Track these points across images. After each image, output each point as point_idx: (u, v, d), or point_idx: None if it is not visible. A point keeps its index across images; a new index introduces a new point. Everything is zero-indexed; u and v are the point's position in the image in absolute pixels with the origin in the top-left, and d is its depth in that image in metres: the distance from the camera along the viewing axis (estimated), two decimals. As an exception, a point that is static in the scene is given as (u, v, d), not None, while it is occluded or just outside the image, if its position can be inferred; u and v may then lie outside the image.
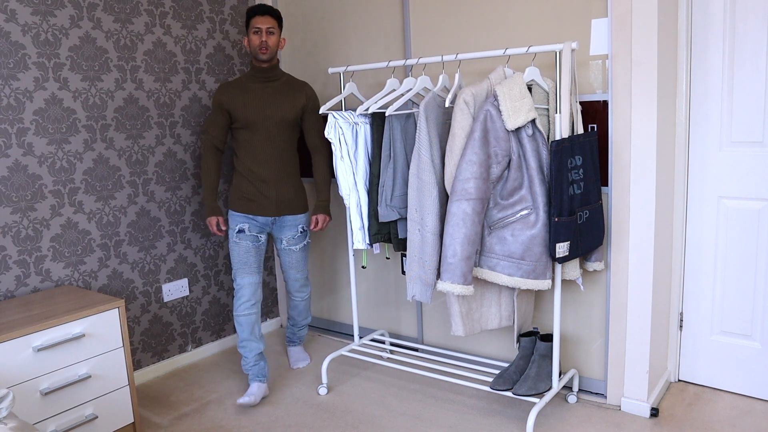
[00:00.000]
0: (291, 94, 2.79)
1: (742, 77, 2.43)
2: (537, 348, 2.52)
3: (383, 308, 3.32)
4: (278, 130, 2.75)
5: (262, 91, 2.76)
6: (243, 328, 2.75)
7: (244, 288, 2.74)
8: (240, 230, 2.76)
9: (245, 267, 2.75)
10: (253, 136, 2.74)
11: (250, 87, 2.77)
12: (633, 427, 2.42)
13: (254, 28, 2.69)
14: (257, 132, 2.74)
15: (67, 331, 2.22)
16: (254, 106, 2.73)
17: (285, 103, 2.76)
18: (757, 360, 2.57)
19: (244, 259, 2.75)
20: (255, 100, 2.74)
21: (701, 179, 2.59)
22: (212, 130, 2.81)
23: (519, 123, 2.19)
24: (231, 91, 2.77)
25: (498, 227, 2.29)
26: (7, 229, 2.51)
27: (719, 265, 2.60)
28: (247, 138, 2.75)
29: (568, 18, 2.48)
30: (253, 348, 2.77)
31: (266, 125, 2.74)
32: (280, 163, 2.77)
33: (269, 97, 2.75)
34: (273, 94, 2.76)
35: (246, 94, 2.75)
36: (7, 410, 1.69)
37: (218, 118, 2.79)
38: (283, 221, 2.84)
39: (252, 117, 2.72)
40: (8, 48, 2.47)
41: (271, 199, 2.78)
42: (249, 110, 2.73)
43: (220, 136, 2.82)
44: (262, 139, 2.74)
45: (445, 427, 2.50)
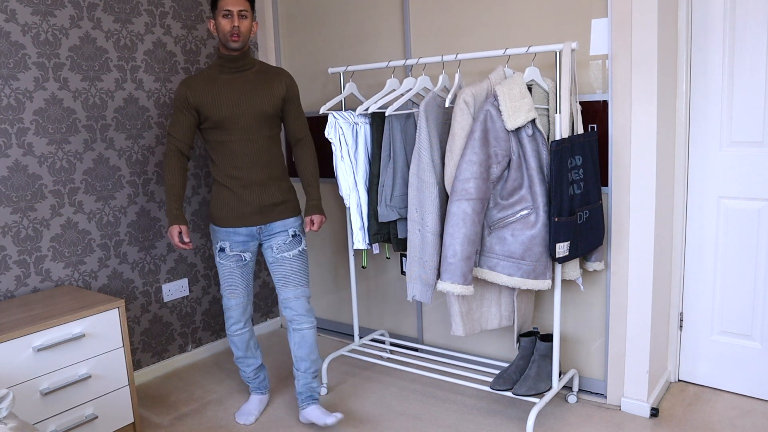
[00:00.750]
0: (268, 84, 2.43)
1: (742, 77, 2.43)
2: (537, 348, 2.52)
3: (383, 308, 3.32)
4: (257, 126, 2.40)
5: (233, 83, 2.39)
6: (237, 347, 2.60)
7: (231, 310, 2.55)
8: (221, 249, 2.48)
9: (231, 289, 2.52)
10: (228, 136, 2.38)
11: (220, 79, 2.39)
12: (633, 427, 2.42)
13: (224, 11, 2.32)
14: (232, 131, 2.38)
15: (67, 331, 2.22)
16: (226, 100, 2.36)
17: (262, 95, 2.40)
18: (757, 360, 2.57)
19: (228, 281, 2.51)
20: (227, 94, 2.37)
21: (701, 179, 2.59)
22: (176, 132, 2.40)
23: (519, 123, 2.19)
24: (197, 84, 2.38)
25: (498, 227, 2.29)
26: (7, 229, 2.51)
27: (719, 265, 2.60)
28: (221, 139, 2.39)
29: (568, 18, 2.48)
30: (251, 363, 2.65)
31: (242, 122, 2.37)
32: (263, 164, 2.42)
33: (243, 89, 2.39)
34: (247, 85, 2.40)
35: (215, 88, 2.37)
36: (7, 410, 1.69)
37: (183, 118, 2.39)
38: (271, 229, 2.48)
39: (225, 114, 2.35)
40: (8, 48, 2.47)
41: (254, 206, 2.42)
42: (221, 106, 2.36)
43: (186, 139, 2.41)
44: (238, 139, 2.38)
45: (445, 427, 2.50)
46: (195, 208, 3.22)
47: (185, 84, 2.39)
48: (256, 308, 3.59)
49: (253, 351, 2.64)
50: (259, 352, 2.68)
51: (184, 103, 2.38)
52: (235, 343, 2.59)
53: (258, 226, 2.46)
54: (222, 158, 2.41)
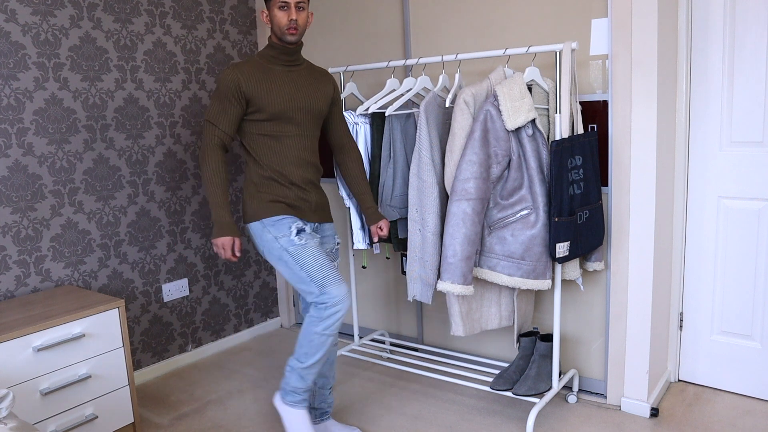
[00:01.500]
0: (319, 82, 2.31)
1: (742, 77, 2.43)
2: (537, 348, 2.52)
3: (383, 308, 3.32)
4: (311, 124, 2.27)
5: (289, 76, 2.24)
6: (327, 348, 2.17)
7: (344, 301, 2.12)
8: (300, 230, 2.17)
9: (332, 271, 2.13)
10: (282, 130, 2.21)
11: (274, 70, 2.22)
12: (633, 427, 2.42)
13: (280, 2, 2.14)
14: (287, 126, 2.21)
15: (67, 331, 2.22)
16: (283, 93, 2.20)
17: (316, 92, 2.28)
18: (757, 360, 2.57)
19: (325, 263, 2.14)
20: (283, 86, 2.21)
21: (701, 179, 2.59)
22: (222, 122, 2.17)
23: (519, 123, 2.19)
24: (252, 71, 2.18)
25: (498, 227, 2.29)
26: (7, 229, 2.51)
27: (719, 265, 2.60)
28: (272, 133, 2.20)
29: (568, 18, 2.48)
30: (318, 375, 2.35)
31: (298, 117, 2.22)
32: (312, 163, 2.28)
33: (298, 84, 2.24)
34: (301, 80, 2.26)
35: (269, 79, 2.20)
36: (7, 410, 1.69)
37: (230, 107, 2.16)
38: (323, 230, 2.35)
39: (282, 107, 2.18)
40: (8, 48, 2.47)
41: (311, 203, 2.28)
42: (277, 98, 2.18)
43: (231, 131, 2.19)
44: (292, 135, 2.22)
45: (445, 427, 2.50)
46: (195, 208, 3.22)
47: (237, 69, 2.16)
48: (255, 308, 3.59)
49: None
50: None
51: (236, 91, 2.14)
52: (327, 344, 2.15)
53: (314, 223, 2.31)
54: (270, 154, 2.21)
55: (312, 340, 2.13)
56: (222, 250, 2.14)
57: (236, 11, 3.35)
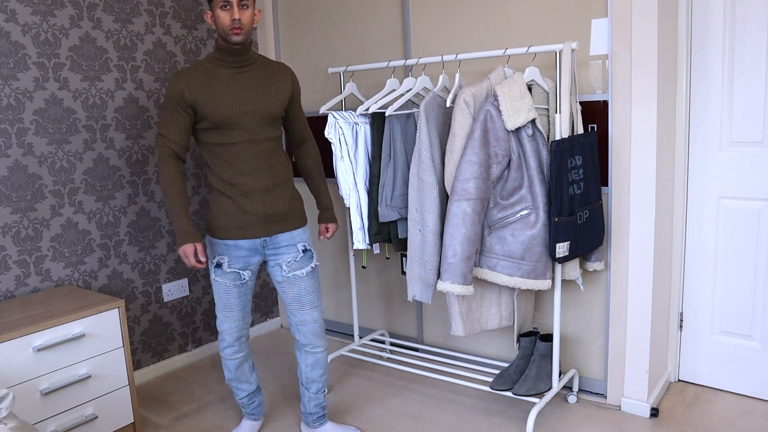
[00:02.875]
0: (273, 80, 2.20)
1: (742, 77, 2.43)
2: (537, 348, 2.52)
3: (383, 308, 3.32)
4: (261, 127, 2.16)
5: (235, 79, 2.13)
6: (230, 369, 2.36)
7: (225, 333, 2.29)
8: (218, 265, 2.22)
9: (225, 310, 2.26)
10: (229, 138, 2.13)
11: (219, 74, 2.13)
12: (633, 427, 2.42)
13: (222, 1, 2.04)
14: (233, 133, 2.13)
15: (67, 331, 2.22)
16: (227, 98, 2.10)
17: (268, 92, 2.17)
18: (757, 360, 2.57)
19: (224, 301, 2.25)
20: (228, 91, 2.11)
21: (701, 179, 2.59)
22: (170, 133, 2.12)
23: (519, 123, 2.19)
24: (194, 79, 2.10)
25: (498, 227, 2.29)
26: (7, 229, 2.51)
27: (719, 265, 2.60)
28: (219, 141, 2.13)
29: (568, 18, 2.48)
30: (244, 388, 2.42)
31: (245, 123, 2.13)
32: (267, 169, 2.18)
33: (246, 86, 2.14)
34: (250, 81, 2.16)
35: (214, 84, 2.11)
36: (7, 410, 1.69)
37: (178, 116, 2.11)
38: (277, 242, 2.24)
39: (225, 113, 2.09)
40: (8, 48, 2.47)
41: (257, 215, 2.17)
42: (221, 104, 2.09)
43: (181, 141, 2.13)
44: (240, 142, 2.14)
45: (445, 427, 2.50)
46: (195, 208, 3.22)
47: (180, 78, 2.10)
48: (255, 308, 3.59)
49: (247, 375, 2.40)
50: (255, 376, 2.43)
51: (179, 100, 2.09)
52: (227, 365, 2.36)
53: (262, 238, 2.21)
54: (220, 163, 2.15)
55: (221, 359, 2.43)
56: (186, 258, 2.11)
57: (236, 11, 3.35)
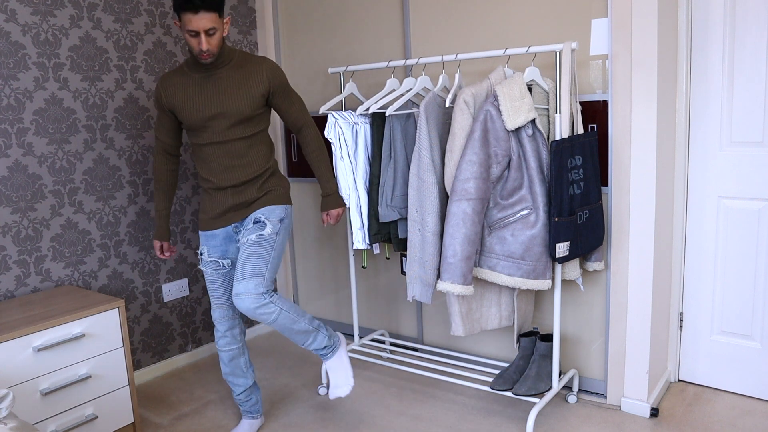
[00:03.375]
0: (245, 82, 2.20)
1: (742, 77, 2.43)
2: (537, 348, 2.52)
3: (383, 308, 3.32)
4: (229, 130, 2.21)
5: (204, 84, 2.19)
6: (224, 362, 2.41)
7: (216, 322, 2.38)
8: (201, 254, 2.36)
9: (215, 299, 2.37)
10: (200, 139, 2.24)
11: (192, 78, 2.21)
12: (633, 427, 2.42)
13: (189, 30, 2.06)
14: (203, 135, 2.22)
15: (67, 331, 2.22)
16: (195, 103, 2.19)
17: (237, 95, 2.18)
18: (757, 360, 2.57)
19: (210, 290, 2.36)
20: (197, 96, 2.19)
21: (701, 179, 2.59)
22: (160, 133, 2.33)
23: (519, 123, 2.19)
24: (170, 84, 2.23)
25: (498, 227, 2.29)
26: (7, 229, 2.52)
27: (719, 265, 2.60)
28: (194, 141, 2.27)
29: (568, 18, 2.48)
30: (240, 383, 2.44)
31: (213, 126, 2.20)
32: (236, 168, 2.24)
33: (214, 91, 2.18)
34: (219, 85, 2.19)
35: (186, 88, 2.20)
36: (7, 410, 1.69)
37: (163, 117, 2.30)
38: (245, 225, 2.30)
39: (193, 117, 2.20)
40: (8, 48, 2.47)
41: (228, 206, 2.28)
42: (189, 109, 2.19)
43: (170, 140, 2.33)
44: (209, 143, 2.23)
45: (445, 427, 2.50)
46: (195, 208, 3.22)
47: (161, 82, 2.26)
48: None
49: (242, 370, 2.43)
50: (251, 372, 2.46)
51: (160, 104, 2.29)
52: (222, 358, 2.41)
53: (233, 224, 2.31)
54: (198, 160, 2.29)
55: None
56: (155, 249, 2.44)
57: (236, 11, 3.35)
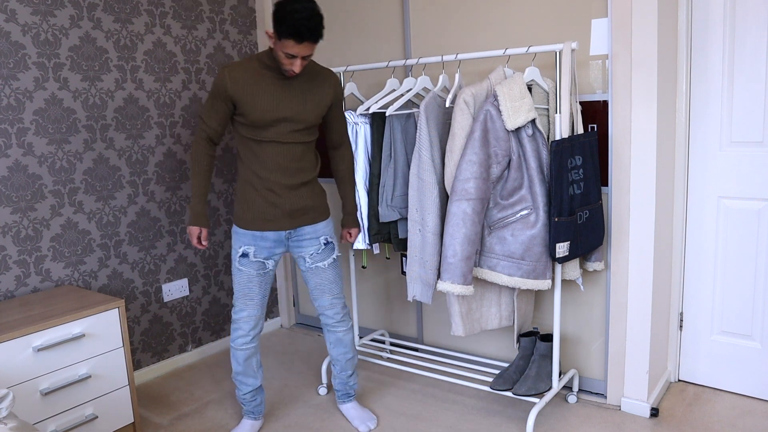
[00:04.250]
0: (315, 91, 2.27)
1: (742, 77, 2.43)
2: (537, 348, 2.52)
3: (383, 308, 3.32)
4: (292, 134, 2.24)
5: (277, 86, 2.20)
6: (238, 361, 2.41)
7: (242, 321, 2.36)
8: (244, 254, 2.29)
9: (245, 299, 2.34)
10: (261, 137, 2.22)
11: (265, 76, 2.20)
12: (633, 427, 2.42)
13: (287, 53, 2.09)
14: (266, 134, 2.22)
15: (67, 331, 2.22)
16: (266, 102, 2.18)
17: (307, 103, 2.24)
18: (757, 360, 2.57)
19: (245, 290, 2.33)
20: (268, 96, 2.19)
21: (701, 179, 2.59)
22: (210, 120, 2.25)
23: (519, 123, 2.19)
24: (240, 76, 2.19)
25: (498, 227, 2.29)
26: (7, 229, 2.51)
27: (719, 265, 2.60)
28: (252, 137, 2.23)
29: (568, 18, 2.48)
30: (249, 383, 2.45)
31: (279, 128, 2.22)
32: (294, 170, 2.27)
33: (286, 95, 2.21)
34: (291, 91, 2.22)
35: (258, 86, 2.19)
36: (7, 410, 1.69)
37: (220, 107, 2.23)
38: (301, 234, 2.33)
39: (261, 116, 2.19)
40: (8, 48, 2.47)
41: (284, 209, 2.26)
42: (258, 107, 2.18)
43: (219, 128, 2.27)
44: (270, 143, 2.23)
45: (445, 427, 2.50)
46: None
47: (228, 72, 2.19)
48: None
49: (254, 370, 2.44)
50: (261, 373, 2.48)
51: (223, 92, 2.19)
52: (237, 357, 2.40)
53: (287, 231, 2.31)
54: (251, 157, 2.25)
55: (230, 350, 2.44)
56: (190, 236, 2.34)
57: (236, 11, 3.35)
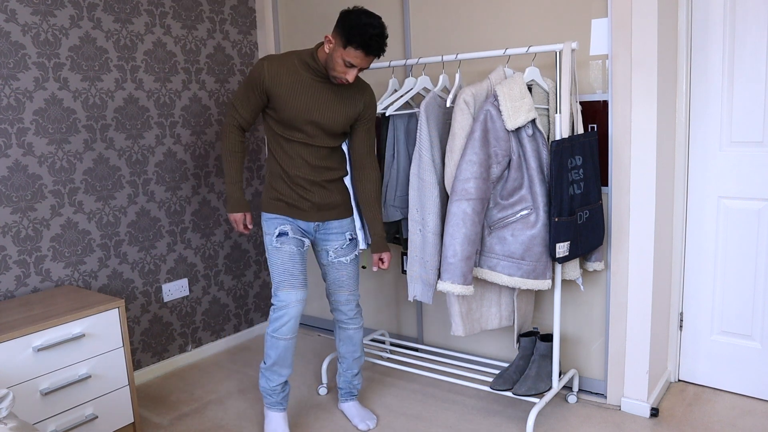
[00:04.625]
0: (347, 101, 2.26)
1: (742, 77, 2.43)
2: (537, 348, 2.52)
3: (383, 308, 3.32)
4: (320, 138, 2.25)
5: (314, 88, 2.20)
6: (279, 351, 2.29)
7: (290, 307, 2.23)
8: (282, 233, 2.26)
9: (291, 278, 2.24)
10: (290, 135, 2.23)
11: (303, 77, 2.19)
12: (633, 427, 2.42)
13: (349, 62, 2.09)
14: (294, 132, 2.23)
15: (67, 331, 2.22)
16: (300, 103, 2.18)
17: (337, 111, 2.24)
18: (757, 360, 2.57)
19: (289, 268, 2.24)
20: (303, 96, 2.19)
21: (701, 179, 2.59)
22: (243, 108, 2.25)
23: (519, 123, 2.19)
24: (280, 72, 2.17)
25: (498, 227, 2.29)
26: (7, 229, 2.51)
27: (719, 265, 2.60)
28: (282, 134, 2.24)
29: (568, 18, 2.48)
30: (283, 374, 2.36)
31: (308, 130, 2.22)
32: (321, 169, 2.28)
33: (320, 99, 2.21)
34: (326, 95, 2.22)
35: (295, 85, 2.18)
36: (7, 410, 1.69)
37: (253, 98, 2.22)
38: (328, 228, 2.35)
39: (293, 115, 2.19)
40: (8, 48, 2.47)
41: (313, 203, 2.29)
42: (292, 106, 2.18)
43: (250, 118, 2.27)
44: (299, 143, 2.24)
45: (445, 427, 2.50)
46: (195, 208, 3.22)
47: (268, 64, 2.18)
48: (255, 308, 3.59)
49: (290, 359, 2.36)
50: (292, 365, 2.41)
51: (259, 84, 2.18)
52: (279, 347, 2.28)
53: (316, 222, 2.33)
54: (279, 150, 2.26)
55: (267, 341, 2.33)
56: (234, 223, 2.33)
57: (236, 11, 3.35)
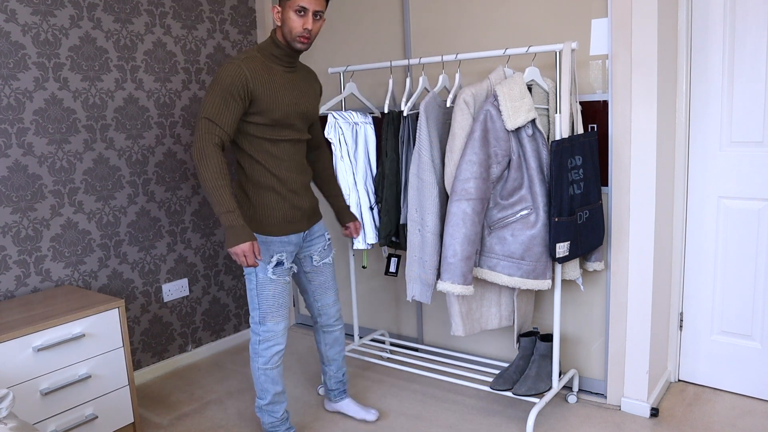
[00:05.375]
0: (310, 83, 2.25)
1: (742, 77, 2.43)
2: (537, 348, 2.52)
3: (383, 308, 3.32)
4: (304, 129, 2.22)
5: (290, 80, 2.14)
6: (276, 381, 2.25)
7: (279, 335, 2.21)
8: (279, 263, 2.17)
9: (281, 310, 2.20)
10: (280, 136, 2.13)
11: (275, 71, 2.10)
12: (633, 427, 2.42)
13: (298, 6, 2.00)
14: (285, 131, 2.13)
15: (67, 331, 2.22)
16: (285, 98, 2.10)
17: (310, 97, 2.22)
18: (757, 360, 2.57)
19: (281, 300, 2.20)
20: (286, 91, 2.11)
21: (701, 179, 2.59)
22: (223, 123, 1.99)
23: (519, 123, 2.19)
24: (258, 71, 2.05)
25: (498, 227, 2.29)
26: (7, 229, 2.52)
27: (719, 265, 2.60)
28: (270, 138, 2.11)
29: (568, 18, 2.48)
30: (283, 400, 2.32)
31: (295, 124, 2.16)
32: (304, 168, 2.24)
33: (297, 89, 2.16)
34: (300, 84, 2.18)
35: (274, 80, 2.08)
36: (7, 410, 1.69)
37: (234, 104, 2.00)
38: (313, 233, 2.33)
39: (283, 113, 2.09)
40: (8, 48, 2.47)
41: (303, 211, 2.23)
42: (280, 104, 2.08)
43: (231, 131, 2.03)
44: (289, 141, 2.16)
45: (445, 427, 2.50)
46: (195, 208, 3.22)
47: (244, 65, 2.01)
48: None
49: (283, 383, 2.33)
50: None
51: (242, 88, 2.00)
52: (274, 377, 2.25)
53: (304, 231, 2.27)
54: (268, 158, 2.12)
55: (259, 377, 2.26)
56: (243, 258, 1.98)
57: (236, 11, 3.35)
